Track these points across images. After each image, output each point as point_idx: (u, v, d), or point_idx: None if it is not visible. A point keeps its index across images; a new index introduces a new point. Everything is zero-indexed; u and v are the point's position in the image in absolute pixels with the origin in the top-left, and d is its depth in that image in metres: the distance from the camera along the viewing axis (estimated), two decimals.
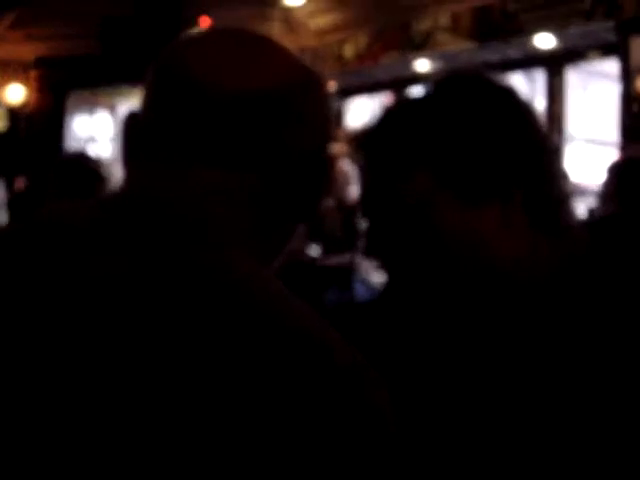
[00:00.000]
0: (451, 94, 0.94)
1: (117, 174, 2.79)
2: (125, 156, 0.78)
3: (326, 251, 5.37)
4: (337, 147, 6.42)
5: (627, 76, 4.38)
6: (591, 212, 3.44)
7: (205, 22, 5.82)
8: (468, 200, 0.90)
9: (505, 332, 0.94)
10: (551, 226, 0.94)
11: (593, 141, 5.83)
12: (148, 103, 0.75)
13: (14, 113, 7.68)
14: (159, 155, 0.73)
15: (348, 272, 4.64)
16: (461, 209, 0.91)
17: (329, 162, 0.79)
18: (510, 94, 0.94)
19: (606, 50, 4.73)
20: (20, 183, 6.30)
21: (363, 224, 0.99)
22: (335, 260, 5.18)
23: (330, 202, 5.67)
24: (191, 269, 0.65)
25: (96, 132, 8.22)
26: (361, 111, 7.43)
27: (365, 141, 0.98)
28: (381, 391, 0.65)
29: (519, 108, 0.94)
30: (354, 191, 5.40)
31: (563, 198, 0.96)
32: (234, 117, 0.71)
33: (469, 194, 0.90)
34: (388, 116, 0.97)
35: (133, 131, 0.77)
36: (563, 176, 0.96)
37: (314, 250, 5.31)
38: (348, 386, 0.62)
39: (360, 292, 4.93)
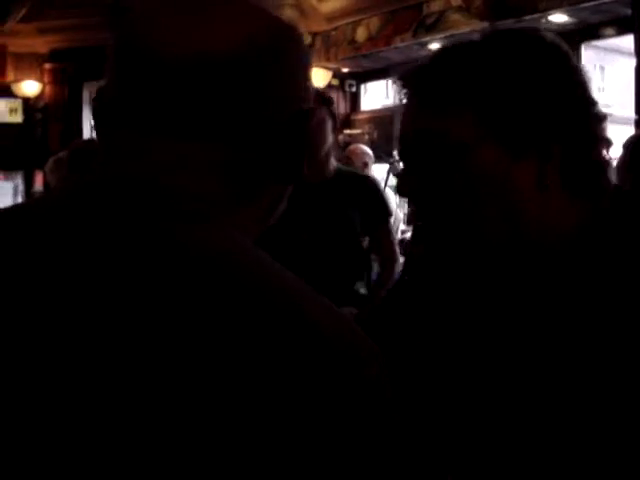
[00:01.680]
0: (508, 43, 0.94)
1: None
2: (96, 132, 0.75)
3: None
4: (355, 133, 6.42)
5: None
6: None
7: None
8: (507, 149, 0.90)
9: (529, 293, 0.95)
10: (585, 190, 0.94)
11: (609, 118, 5.77)
12: (110, 75, 0.71)
13: (30, 106, 7.72)
14: (124, 130, 0.69)
15: (368, 254, 4.63)
16: (499, 158, 0.91)
17: (308, 117, 0.74)
18: (566, 56, 0.94)
19: (621, 26, 4.69)
20: (39, 178, 6.32)
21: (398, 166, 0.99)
22: None
23: None
24: (169, 248, 0.62)
25: None
26: (375, 94, 7.40)
27: (416, 77, 0.97)
28: (377, 364, 0.62)
29: (572, 70, 0.94)
30: (370, 171, 5.39)
31: (601, 164, 0.95)
32: (196, 84, 0.67)
33: (509, 142, 0.90)
34: (441, 55, 0.97)
35: (100, 105, 0.73)
36: (605, 143, 0.96)
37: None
38: (340, 360, 0.60)
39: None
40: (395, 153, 5.79)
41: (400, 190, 1.00)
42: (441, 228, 0.96)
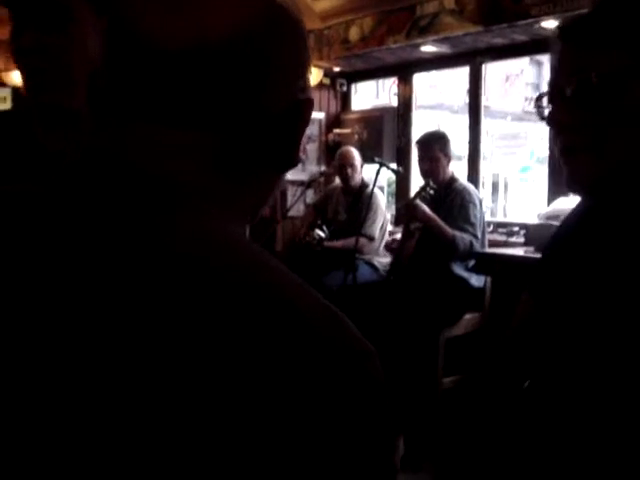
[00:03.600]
0: None
1: None
2: (89, 116, 0.74)
3: (331, 234, 5.38)
4: (345, 133, 6.43)
5: None
6: None
7: None
8: None
9: None
10: None
11: None
12: (102, 60, 0.70)
13: (19, 94, 7.66)
14: (116, 116, 0.68)
15: (353, 255, 4.64)
16: None
17: (304, 104, 0.73)
18: None
19: None
20: None
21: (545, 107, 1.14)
22: (341, 242, 5.19)
23: (336, 185, 5.68)
24: (157, 241, 0.61)
25: None
26: (365, 94, 7.40)
27: (578, 24, 1.09)
28: (370, 362, 0.62)
29: None
30: (359, 174, 5.41)
31: None
32: (189, 71, 0.66)
33: None
34: (600, 3, 1.09)
35: (92, 91, 0.72)
36: None
37: (320, 233, 5.31)
38: (332, 357, 0.59)
39: (365, 274, 4.94)
40: (384, 154, 5.83)
41: (551, 122, 1.12)
42: (587, 155, 1.06)
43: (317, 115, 6.60)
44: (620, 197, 1.08)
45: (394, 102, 6.54)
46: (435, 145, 4.57)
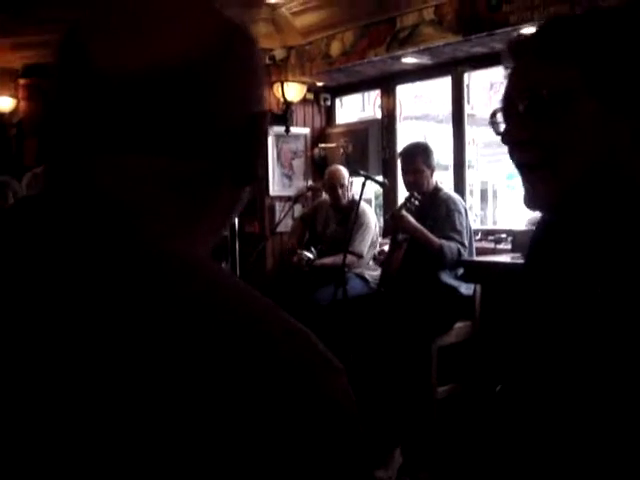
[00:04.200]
0: (610, 15, 1.08)
1: None
2: (42, 151, 0.73)
3: (320, 250, 5.37)
4: (330, 147, 6.44)
5: None
6: None
7: None
8: (606, 104, 1.03)
9: (616, 249, 1.03)
10: None
11: None
12: (56, 90, 0.70)
13: (4, 121, 7.66)
14: (70, 147, 0.69)
15: (343, 270, 4.64)
16: (599, 110, 1.03)
17: (260, 118, 0.73)
18: None
19: None
20: None
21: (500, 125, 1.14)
22: (330, 260, 5.18)
23: (325, 199, 5.69)
24: (132, 268, 0.61)
25: None
26: (350, 108, 7.43)
27: (530, 40, 1.11)
28: (336, 378, 0.62)
29: None
30: (349, 191, 5.41)
31: None
32: (142, 97, 0.65)
33: (609, 99, 1.02)
34: (552, 23, 1.11)
35: (46, 124, 0.73)
36: None
37: (309, 255, 5.31)
38: (296, 375, 0.59)
39: (356, 287, 4.93)
40: (369, 167, 5.84)
41: (504, 139, 1.12)
42: (540, 173, 1.07)
43: (302, 130, 6.62)
44: (577, 216, 1.10)
45: (379, 114, 6.57)
46: (418, 157, 4.57)
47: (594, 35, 1.06)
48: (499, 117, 1.15)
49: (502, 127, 1.13)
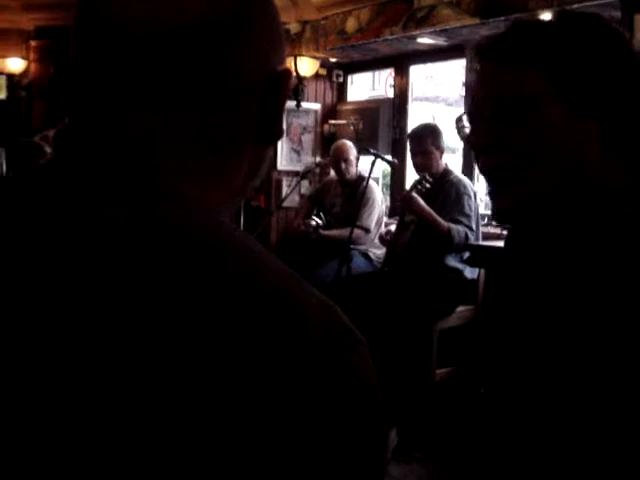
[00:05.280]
0: (577, 19, 1.07)
1: None
2: (66, 107, 0.72)
3: (327, 225, 5.39)
4: (340, 124, 6.43)
5: None
6: None
7: None
8: (573, 107, 1.02)
9: (586, 251, 1.02)
10: None
11: None
12: (77, 50, 0.69)
13: (14, 83, 7.64)
14: (93, 105, 0.68)
15: (348, 246, 4.65)
16: (565, 114, 1.02)
17: (282, 75, 0.73)
18: (625, 38, 1.07)
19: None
20: None
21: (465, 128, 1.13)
22: (337, 232, 5.19)
23: (333, 177, 5.68)
24: (140, 232, 0.61)
25: None
26: (361, 85, 7.39)
27: (495, 44, 1.09)
28: (359, 351, 0.62)
29: (630, 50, 1.06)
30: (355, 167, 5.41)
31: None
32: (162, 54, 0.65)
33: (575, 101, 1.01)
34: (518, 26, 1.09)
35: (68, 81, 0.71)
36: None
37: (318, 220, 5.32)
38: (321, 346, 0.59)
39: (360, 265, 4.94)
40: (381, 145, 5.83)
41: (470, 143, 1.11)
42: (507, 179, 1.06)
43: (313, 106, 6.60)
44: (546, 224, 1.09)
45: (390, 94, 6.54)
46: (427, 139, 4.55)
47: (559, 38, 1.04)
48: (465, 121, 1.13)
49: (467, 131, 1.12)
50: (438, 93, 11.53)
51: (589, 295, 1.01)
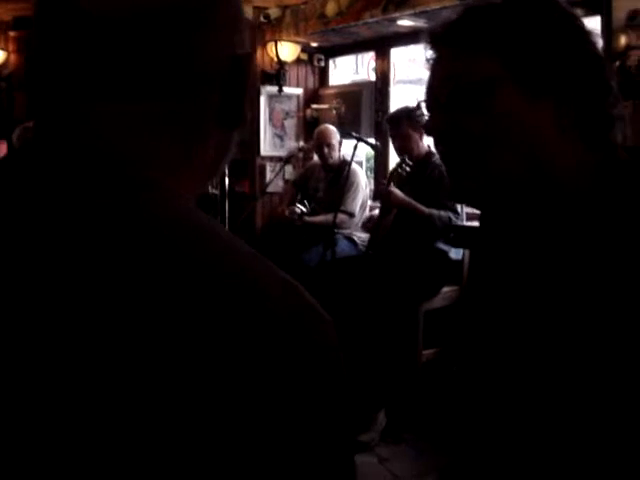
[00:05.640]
0: (528, 1, 1.07)
1: None
2: (29, 98, 0.73)
3: (312, 211, 5.39)
4: (323, 108, 6.41)
5: (609, 34, 4.37)
6: None
7: None
8: (527, 89, 1.02)
9: (548, 232, 1.03)
10: (598, 140, 1.05)
11: None
12: (40, 38, 0.69)
13: None
14: (62, 95, 0.68)
15: (333, 230, 4.65)
16: (520, 96, 1.02)
17: (244, 59, 0.74)
18: (577, 17, 1.08)
19: (589, 7, 4.72)
20: (3, 147, 6.22)
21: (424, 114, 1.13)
22: (322, 217, 5.20)
23: (316, 162, 5.68)
24: (110, 221, 0.61)
25: None
26: (344, 69, 7.37)
27: (448, 30, 1.10)
28: (323, 330, 0.63)
29: (583, 28, 1.08)
30: (337, 151, 5.41)
31: (612, 116, 1.06)
32: (125, 40, 0.65)
33: (529, 83, 1.02)
34: (469, 11, 1.10)
35: (31, 70, 0.71)
36: (616, 99, 1.07)
37: (302, 207, 5.32)
38: (284, 324, 0.60)
39: (344, 248, 4.95)
40: (363, 129, 5.82)
41: (428, 130, 1.11)
42: (466, 165, 1.06)
43: (295, 91, 6.58)
44: (508, 208, 1.10)
45: (373, 77, 6.53)
46: (404, 121, 4.53)
47: (510, 22, 1.04)
48: (424, 108, 1.13)
49: (425, 119, 1.12)
50: (421, 75, 11.53)
51: (552, 274, 1.02)
